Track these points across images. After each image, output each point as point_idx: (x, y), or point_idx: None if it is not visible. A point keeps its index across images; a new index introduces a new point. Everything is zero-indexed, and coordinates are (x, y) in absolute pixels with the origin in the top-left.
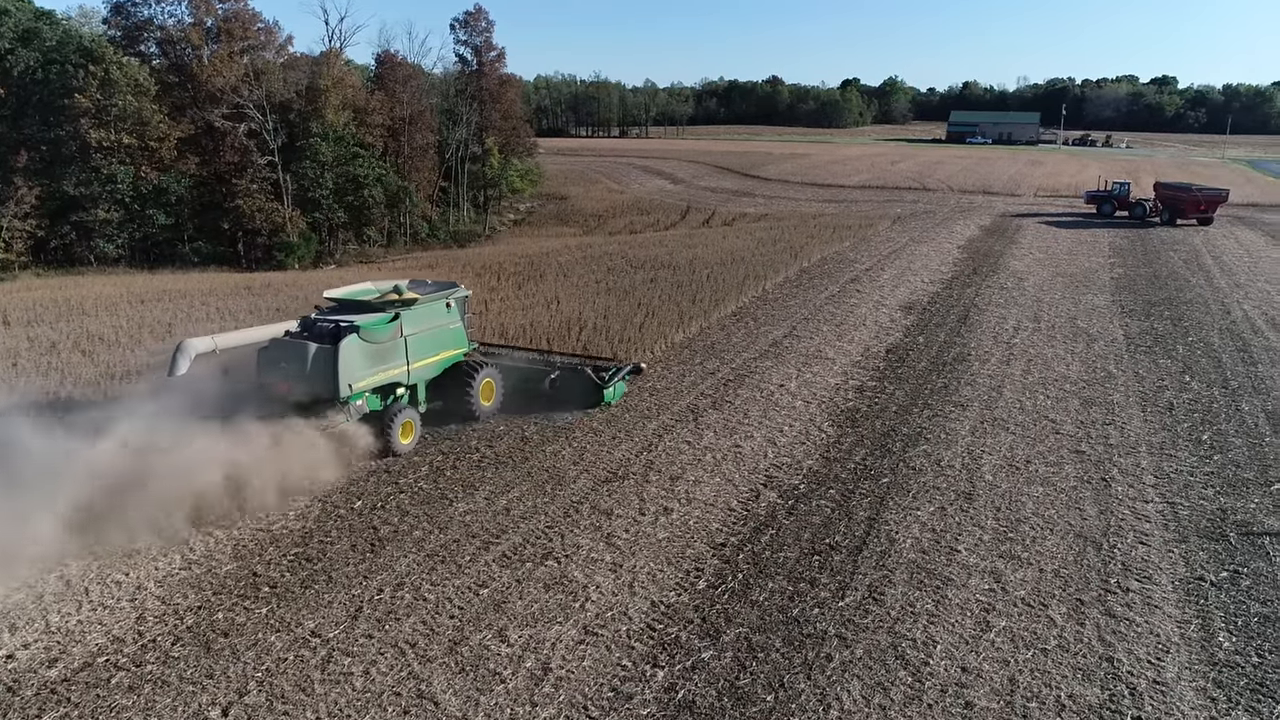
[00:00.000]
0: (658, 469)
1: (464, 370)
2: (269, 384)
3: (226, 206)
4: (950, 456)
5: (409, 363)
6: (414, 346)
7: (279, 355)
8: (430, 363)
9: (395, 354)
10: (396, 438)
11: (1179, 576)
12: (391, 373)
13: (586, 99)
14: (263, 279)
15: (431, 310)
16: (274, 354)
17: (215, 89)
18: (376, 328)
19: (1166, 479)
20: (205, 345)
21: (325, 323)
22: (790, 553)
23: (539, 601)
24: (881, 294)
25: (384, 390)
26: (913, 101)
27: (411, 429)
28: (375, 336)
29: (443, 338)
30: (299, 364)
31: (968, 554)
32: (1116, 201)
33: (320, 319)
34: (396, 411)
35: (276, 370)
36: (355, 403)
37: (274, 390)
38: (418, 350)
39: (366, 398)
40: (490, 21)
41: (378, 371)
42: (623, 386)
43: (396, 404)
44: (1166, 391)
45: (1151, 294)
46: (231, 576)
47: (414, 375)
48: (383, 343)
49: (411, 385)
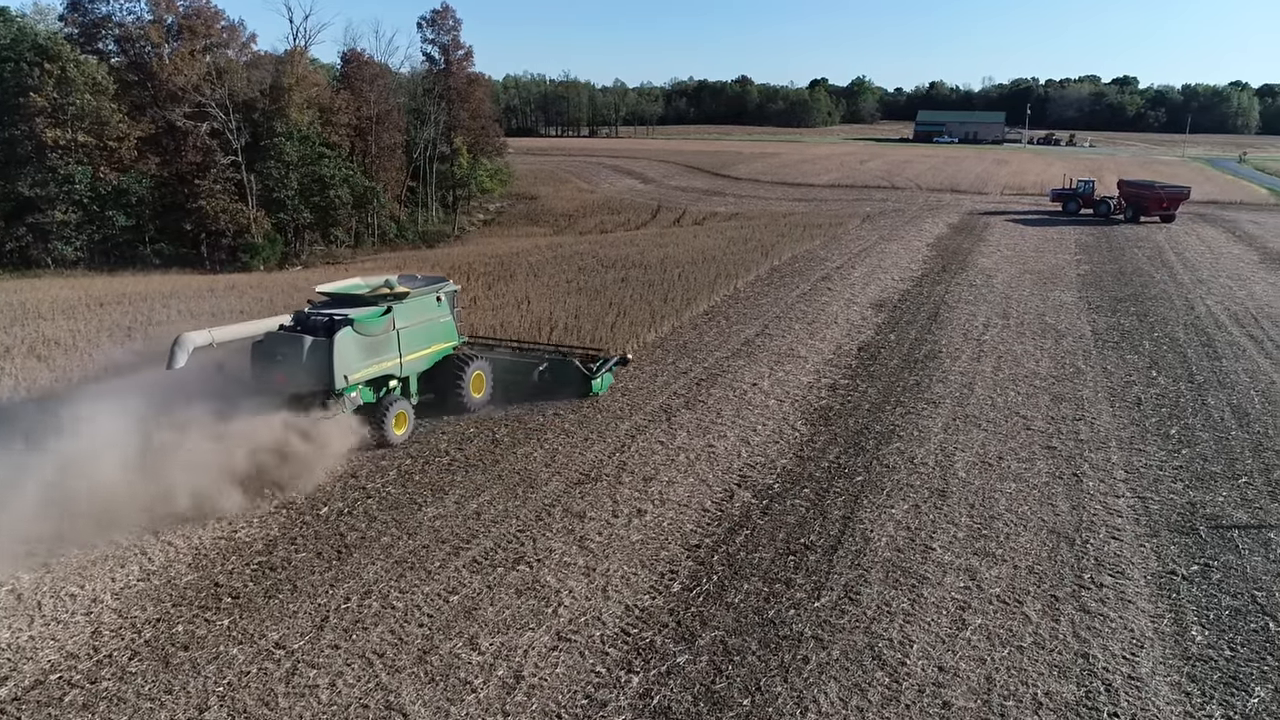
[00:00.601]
0: (631, 470)
1: (454, 363)
2: (264, 377)
3: (189, 207)
4: (924, 454)
5: (401, 355)
6: (406, 339)
7: (274, 349)
8: (422, 355)
9: (388, 347)
10: (390, 428)
11: (1151, 571)
12: (384, 365)
13: (556, 99)
14: (227, 280)
15: (422, 304)
16: (269, 347)
17: (176, 87)
18: (370, 321)
19: (1137, 473)
20: (202, 339)
21: (319, 316)
22: (765, 553)
23: (511, 607)
24: (852, 292)
25: (377, 383)
26: (880, 101)
27: (405, 420)
28: (369, 329)
29: (434, 331)
30: (295, 357)
31: (942, 551)
32: (1081, 199)
33: (314, 313)
34: (390, 403)
35: (272, 363)
36: (350, 394)
37: (270, 383)
38: (410, 343)
39: (360, 390)
40: (458, 20)
41: (371, 364)
42: (610, 377)
43: (390, 395)
44: (1134, 386)
45: (1117, 290)
46: (192, 587)
47: (406, 368)
48: (376, 336)
49: (404, 377)
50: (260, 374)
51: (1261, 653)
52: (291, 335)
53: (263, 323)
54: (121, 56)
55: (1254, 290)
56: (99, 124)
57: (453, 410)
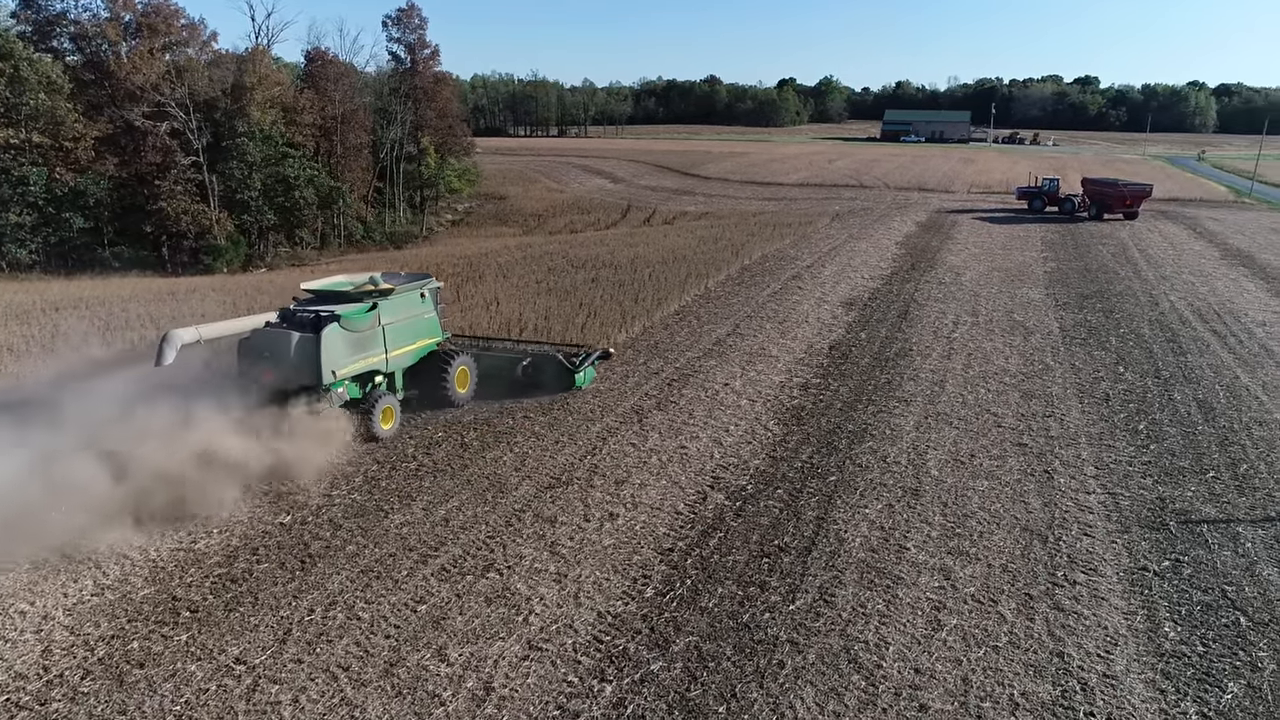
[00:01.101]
0: (602, 473)
1: (439, 358)
2: (251, 374)
3: (149, 209)
4: (896, 453)
5: (387, 351)
6: (391, 335)
7: (261, 345)
8: (407, 351)
9: (374, 342)
10: (378, 423)
11: (1123, 567)
12: (371, 360)
13: (524, 98)
14: (188, 283)
15: (407, 300)
16: (256, 344)
17: (135, 86)
18: (356, 317)
19: (1107, 470)
20: (190, 336)
21: (305, 313)
22: (739, 556)
23: (480, 616)
24: (823, 291)
25: (362, 378)
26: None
27: (391, 415)
28: (355, 325)
29: (418, 327)
30: (282, 353)
31: (917, 551)
32: (1046, 197)
33: (299, 309)
34: (377, 398)
35: (259, 360)
36: (336, 390)
37: (257, 379)
38: (395, 339)
39: (347, 385)
40: (423, 19)
41: (358, 359)
42: (592, 371)
43: (376, 391)
44: (1102, 383)
45: (1084, 287)
46: (148, 601)
47: (392, 363)
48: (362, 331)
49: (389, 373)
50: (247, 370)
51: (1233, 648)
52: (279, 332)
53: (249, 320)
54: (77, 55)
55: (1215, 286)
56: (54, 124)
57: (438, 405)
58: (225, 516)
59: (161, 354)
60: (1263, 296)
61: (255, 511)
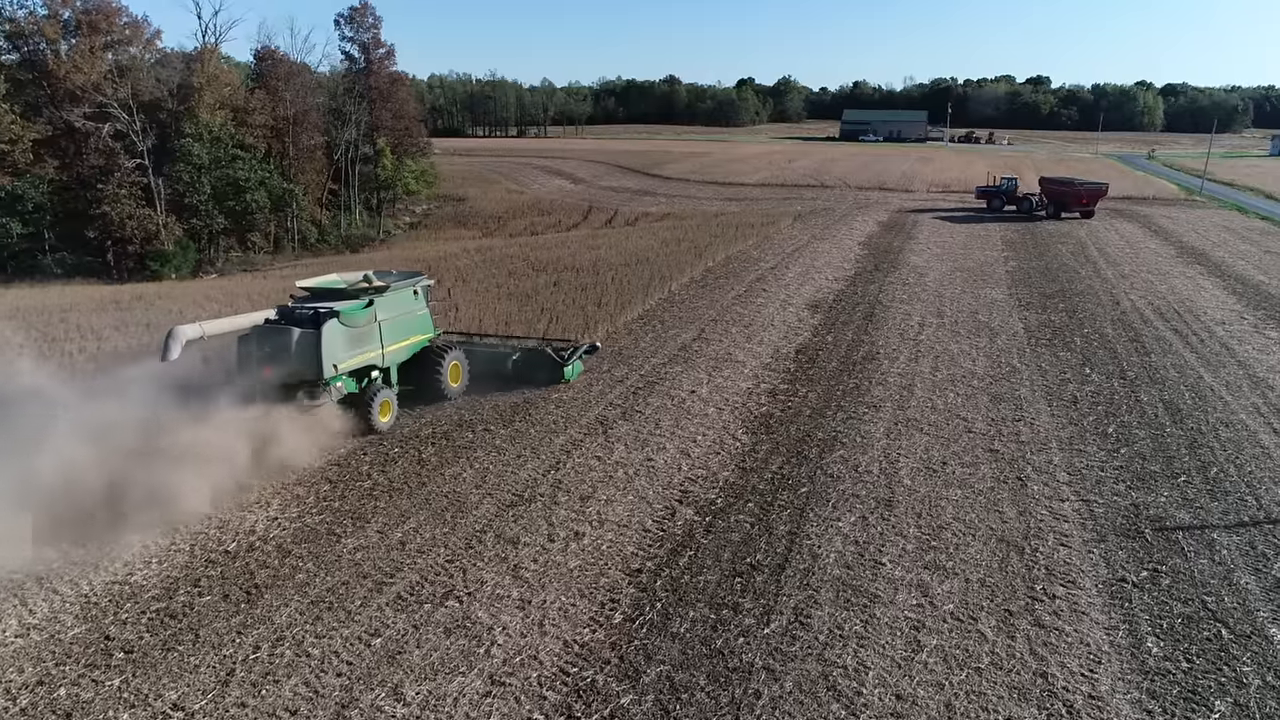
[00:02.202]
0: (566, 489)
1: (432, 354)
2: (251, 369)
3: (92, 214)
4: (867, 461)
5: (383, 346)
6: (387, 331)
7: (262, 341)
8: (402, 346)
9: (371, 338)
10: (376, 416)
11: (1101, 579)
12: (368, 355)
13: (483, 98)
14: (134, 291)
15: (401, 297)
16: (256, 340)
17: (75, 87)
18: (354, 313)
19: (1079, 475)
20: (194, 332)
21: (304, 309)
22: (710, 575)
23: (439, 650)
24: (787, 293)
25: (358, 374)
26: (806, 100)
27: (389, 408)
28: (353, 321)
29: (412, 323)
30: (283, 348)
31: (892, 566)
32: (1005, 196)
33: (298, 306)
34: (375, 392)
35: (259, 355)
36: (335, 384)
37: (256, 375)
38: (391, 334)
39: (344, 380)
40: (377, 17)
41: (357, 354)
42: (579, 365)
43: (374, 385)
44: (1069, 385)
45: (1045, 286)
46: (79, 642)
47: (388, 358)
48: (360, 327)
49: (385, 368)
50: (246, 366)
51: (1218, 663)
52: (279, 328)
53: (250, 316)
54: (13, 54)
55: (1174, 284)
56: None
57: (432, 399)
58: (165, 545)
59: (167, 350)
60: (1220, 295)
61: (197, 539)
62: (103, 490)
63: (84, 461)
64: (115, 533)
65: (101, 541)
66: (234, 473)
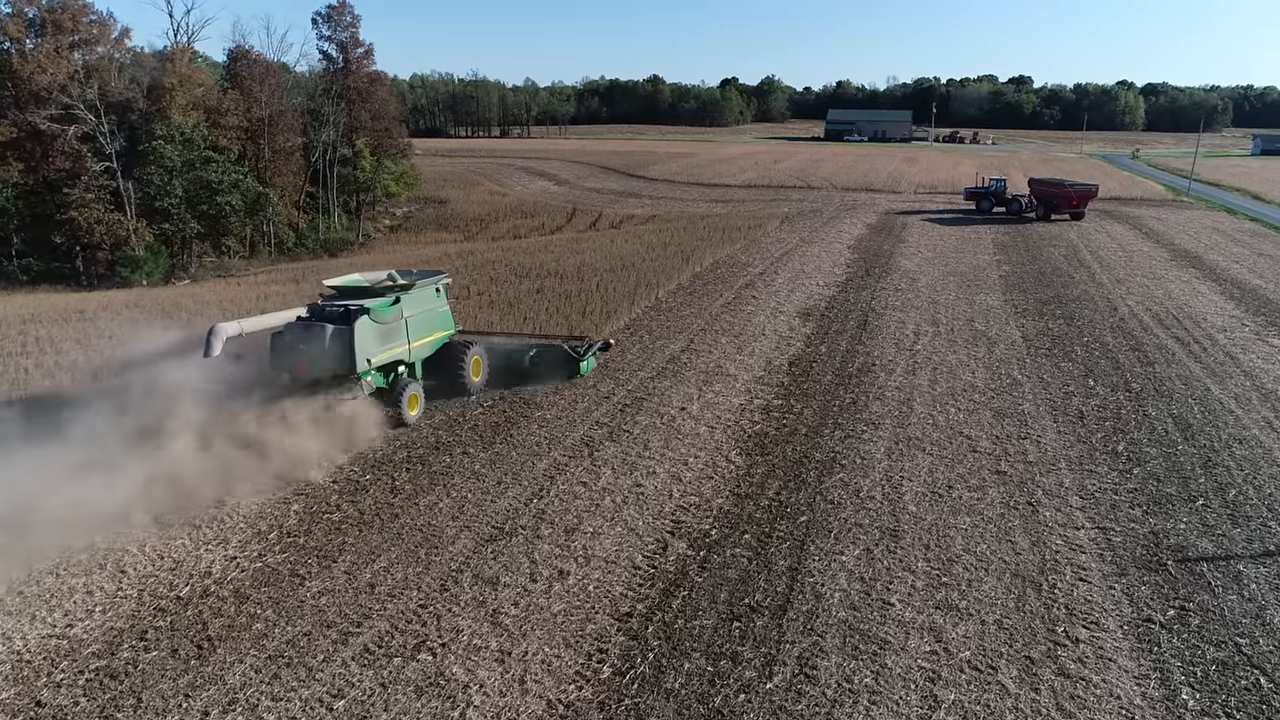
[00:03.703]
0: (550, 520)
1: (455, 349)
2: (285, 365)
3: (59, 218)
4: (869, 485)
5: (410, 342)
6: (413, 327)
7: (296, 338)
8: (426, 342)
9: (399, 334)
10: (406, 409)
11: (1126, 619)
12: (396, 351)
13: (465, 98)
14: (102, 299)
15: (425, 295)
16: (290, 337)
17: (39, 88)
18: (383, 309)
19: (1092, 499)
20: (233, 329)
21: (334, 307)
22: (707, 619)
23: (410, 713)
24: (778, 300)
25: (386, 369)
26: (790, 100)
27: (417, 401)
28: (383, 318)
29: (434, 320)
30: (317, 345)
31: (902, 607)
32: (994, 198)
33: (328, 304)
34: (404, 386)
35: (293, 352)
36: (366, 379)
37: (291, 371)
38: (416, 330)
39: (374, 375)
40: (356, 16)
41: (386, 349)
42: (593, 360)
43: (402, 379)
44: (1074, 398)
45: (1040, 292)
46: (6, 709)
47: (414, 353)
48: (389, 323)
49: (411, 363)
50: (280, 363)
51: (1258, 718)
52: (313, 325)
53: (285, 314)
54: None
55: (1170, 289)
56: None
57: (455, 393)
58: (111, 590)
59: (209, 346)
60: (1218, 300)
61: (147, 583)
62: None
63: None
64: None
65: (41, 586)
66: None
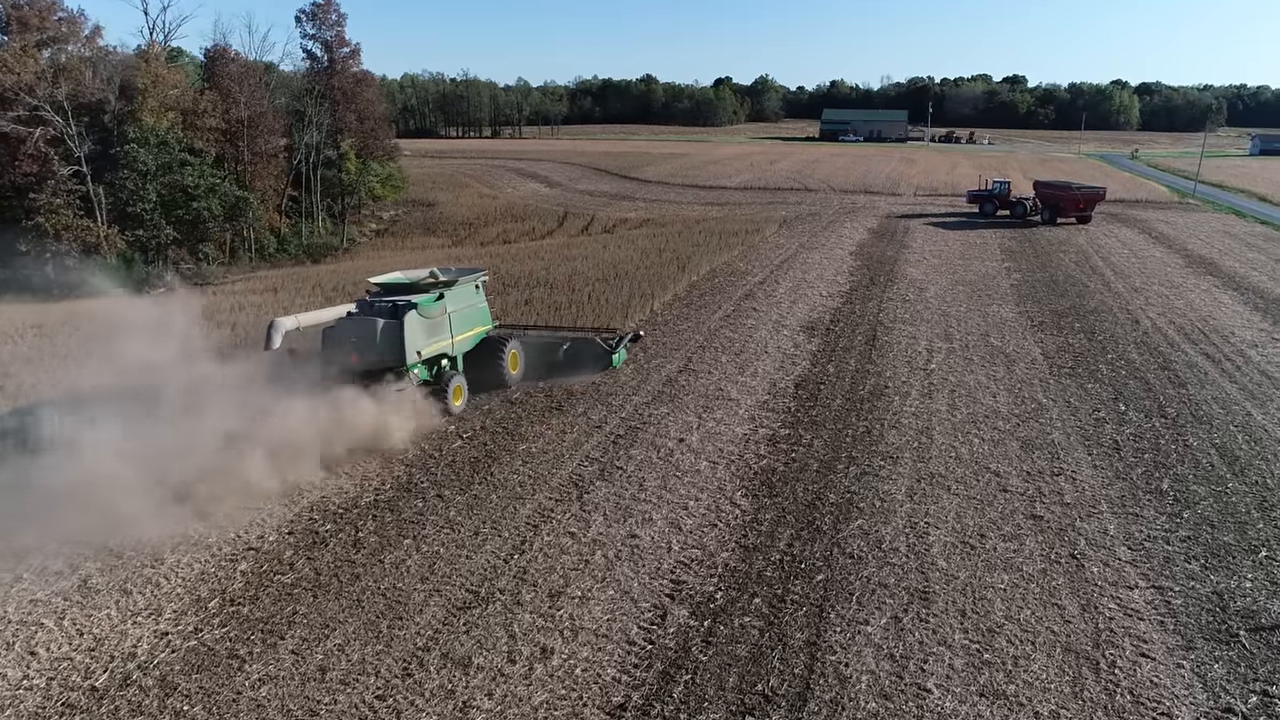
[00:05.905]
0: (533, 581)
1: (494, 344)
2: (337, 357)
3: (24, 225)
4: (892, 534)
5: (453, 336)
6: (456, 322)
7: (348, 331)
8: (467, 336)
9: (443, 328)
10: (451, 399)
11: (1202, 709)
12: (441, 344)
13: (455, 98)
14: (67, 310)
15: (466, 291)
16: (342, 331)
17: (4, 89)
18: (429, 305)
19: (1142, 550)
20: (291, 323)
21: (382, 303)
22: (714, 713)
23: None
24: (780, 312)
25: (430, 362)
26: (784, 100)
27: (461, 392)
28: (429, 312)
29: (474, 315)
30: (368, 337)
31: (941, 695)
32: (998, 200)
33: (375, 300)
34: (449, 378)
35: (345, 344)
36: (413, 371)
37: (343, 363)
38: (459, 325)
39: (420, 369)
40: (341, 14)
41: (433, 343)
42: (624, 353)
43: (445, 372)
44: (1106, 426)
45: (1055, 303)
46: None
47: (456, 347)
48: (434, 318)
49: (454, 356)
50: (331, 356)
51: None
52: (365, 319)
53: (336, 309)
54: None
55: (1191, 299)
56: None
57: (493, 387)
58: (16, 679)
59: (269, 340)
60: (1242, 311)
61: (59, 668)
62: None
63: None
64: None
65: None
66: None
